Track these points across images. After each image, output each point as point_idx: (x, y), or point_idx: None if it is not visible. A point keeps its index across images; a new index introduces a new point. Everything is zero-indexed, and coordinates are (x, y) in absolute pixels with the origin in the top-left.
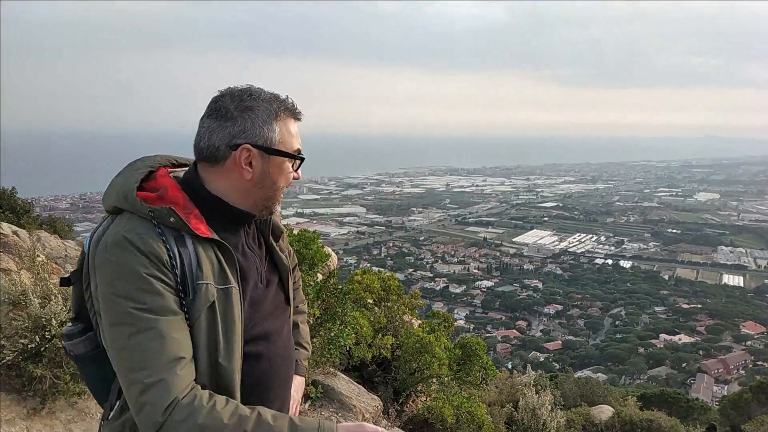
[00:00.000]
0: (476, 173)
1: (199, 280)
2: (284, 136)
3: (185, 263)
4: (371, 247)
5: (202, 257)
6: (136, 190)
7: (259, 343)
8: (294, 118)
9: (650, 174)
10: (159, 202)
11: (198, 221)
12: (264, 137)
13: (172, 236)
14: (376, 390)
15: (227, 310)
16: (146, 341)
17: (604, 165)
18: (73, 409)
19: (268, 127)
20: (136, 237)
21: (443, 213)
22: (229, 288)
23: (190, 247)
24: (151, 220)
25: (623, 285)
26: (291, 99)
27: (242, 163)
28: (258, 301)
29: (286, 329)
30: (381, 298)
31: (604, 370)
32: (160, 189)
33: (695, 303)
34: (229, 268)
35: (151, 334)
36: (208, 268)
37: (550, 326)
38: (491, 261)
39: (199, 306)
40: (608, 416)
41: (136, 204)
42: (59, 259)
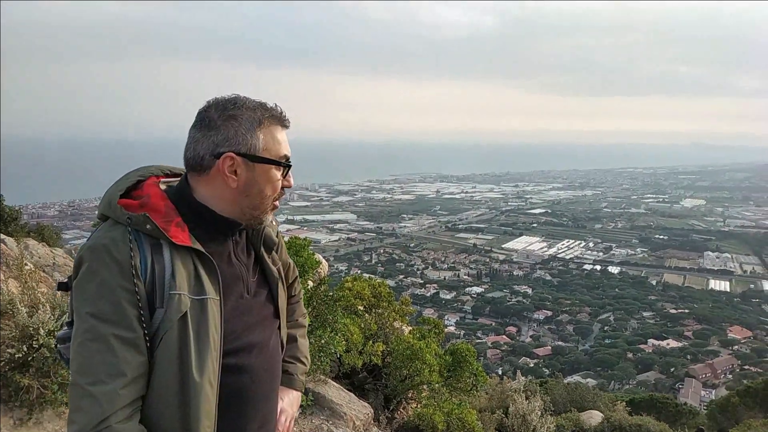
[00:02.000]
0: (466, 180)
1: (172, 290)
2: (269, 143)
3: (157, 272)
4: (362, 253)
5: (178, 266)
6: (124, 198)
7: (241, 355)
8: (281, 125)
9: (637, 181)
10: (140, 209)
11: (179, 229)
12: (247, 145)
13: (149, 244)
14: (367, 397)
15: (201, 321)
16: (95, 349)
17: (591, 172)
18: (61, 419)
19: (251, 135)
20: (111, 243)
21: (433, 219)
22: (204, 299)
23: (166, 255)
24: (127, 227)
25: (612, 290)
26: (279, 107)
27: (226, 171)
28: (242, 312)
29: (272, 342)
30: (372, 305)
31: (593, 375)
32: (144, 197)
33: (683, 308)
34: (209, 278)
35: (101, 344)
36: (182, 277)
37: (540, 332)
38: (481, 267)
39: (171, 316)
40: (598, 421)
41: (116, 211)
42: (47, 267)
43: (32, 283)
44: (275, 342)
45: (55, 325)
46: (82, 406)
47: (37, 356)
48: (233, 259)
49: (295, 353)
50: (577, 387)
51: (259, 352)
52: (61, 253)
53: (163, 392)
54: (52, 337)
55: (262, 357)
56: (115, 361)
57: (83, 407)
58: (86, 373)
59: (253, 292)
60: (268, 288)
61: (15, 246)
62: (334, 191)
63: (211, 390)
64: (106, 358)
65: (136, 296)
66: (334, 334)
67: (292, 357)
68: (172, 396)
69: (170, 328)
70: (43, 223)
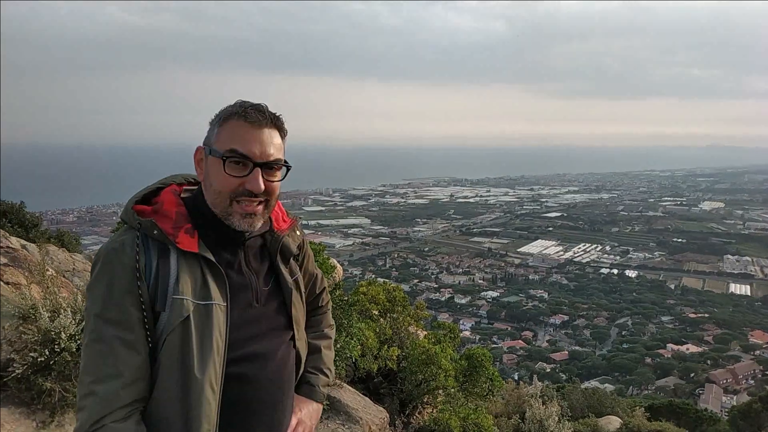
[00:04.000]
0: (480, 184)
1: (175, 294)
2: (222, 136)
3: (161, 276)
4: (376, 258)
5: (184, 272)
6: (141, 204)
7: (244, 364)
8: (244, 120)
9: (654, 183)
10: (152, 215)
11: (187, 236)
12: (210, 138)
13: (156, 248)
14: (382, 402)
15: (205, 327)
16: (98, 349)
17: (608, 175)
18: None
19: (214, 128)
20: (120, 247)
21: (448, 224)
22: (210, 304)
23: (172, 260)
24: (137, 231)
25: (629, 295)
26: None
27: (196, 162)
28: (249, 321)
29: (281, 353)
30: (386, 310)
31: (611, 380)
32: (158, 203)
33: (702, 312)
34: (216, 285)
35: (103, 345)
36: (187, 283)
37: (556, 336)
38: (496, 271)
39: (173, 320)
40: (616, 427)
41: (129, 216)
42: (67, 272)
43: (54, 288)
44: (285, 352)
45: (76, 329)
46: (85, 405)
47: (59, 360)
48: (243, 267)
49: (318, 364)
50: (595, 392)
51: (264, 362)
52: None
53: (165, 394)
54: (74, 341)
55: (269, 367)
56: (115, 362)
57: (86, 406)
58: (89, 372)
59: (263, 301)
60: (281, 298)
61: (36, 252)
62: (348, 196)
63: (212, 394)
64: (107, 358)
65: (139, 299)
66: (349, 339)
67: (315, 368)
68: (174, 398)
69: (172, 331)
70: (62, 228)
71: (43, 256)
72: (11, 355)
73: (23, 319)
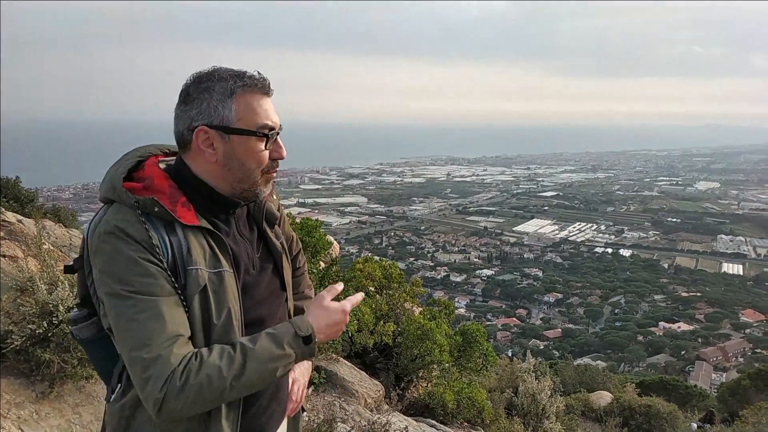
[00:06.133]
0: (477, 163)
1: (190, 265)
2: (243, 113)
3: (175, 250)
4: (372, 236)
5: (193, 243)
6: (124, 180)
7: (251, 329)
8: (259, 92)
9: (650, 163)
10: (145, 192)
11: (185, 209)
12: (220, 117)
13: (161, 224)
14: (378, 376)
15: (220, 293)
16: (145, 321)
17: (604, 154)
18: (81, 393)
19: (222, 105)
20: (127, 225)
21: (444, 202)
22: (221, 272)
23: (180, 234)
24: (136, 210)
25: (623, 273)
26: (260, 74)
27: (201, 145)
28: (250, 287)
29: (279, 315)
30: (382, 286)
31: (603, 357)
32: (146, 179)
33: (694, 291)
34: (222, 254)
35: (149, 314)
36: (198, 253)
37: (550, 314)
38: (492, 250)
39: (191, 290)
40: (607, 402)
41: (122, 195)
42: (64, 247)
43: (51, 261)
44: (282, 314)
45: (74, 301)
46: (151, 374)
47: (57, 332)
48: (237, 236)
49: None
50: (587, 369)
51: (269, 325)
52: (78, 234)
53: None
54: None
55: None
56: (169, 324)
57: (152, 374)
58: (144, 345)
59: (258, 267)
60: (273, 262)
61: (33, 226)
62: (344, 174)
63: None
64: (160, 324)
65: (166, 271)
66: None
67: None
68: None
69: (192, 302)
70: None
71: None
72: (9, 326)
73: (21, 291)
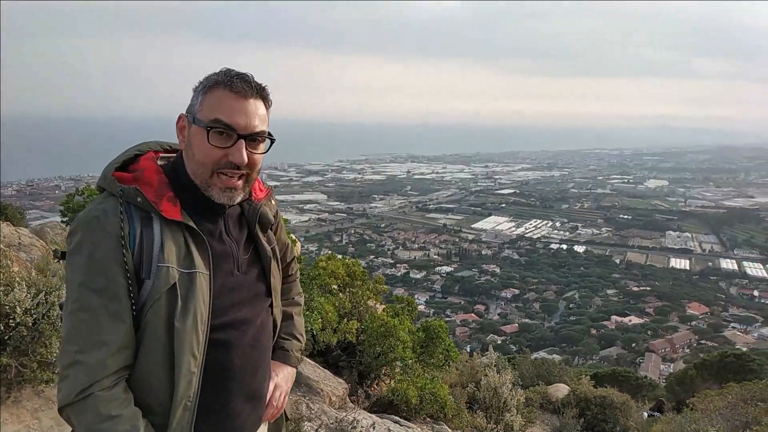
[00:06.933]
0: (436, 160)
1: (160, 262)
2: (206, 106)
3: (146, 244)
4: (332, 234)
5: (168, 240)
6: (120, 171)
7: (228, 331)
8: (229, 90)
9: (603, 162)
10: (133, 183)
11: (170, 204)
12: (193, 106)
13: (139, 216)
14: (341, 374)
15: (190, 295)
16: (82, 318)
17: (559, 153)
18: (40, 398)
19: (197, 96)
20: (103, 215)
21: (404, 200)
22: (194, 272)
23: (156, 229)
24: (120, 199)
25: (577, 269)
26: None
27: (178, 129)
28: (232, 288)
29: (260, 319)
30: (346, 284)
31: (558, 351)
32: (138, 171)
33: (644, 286)
34: (200, 253)
35: (88, 313)
36: (172, 251)
37: (507, 310)
38: (451, 247)
39: (159, 288)
40: (564, 394)
41: (110, 183)
42: (12, 246)
43: (6, 261)
44: (265, 319)
45: (31, 303)
46: (69, 374)
47: (14, 335)
48: (224, 235)
49: (291, 330)
50: (544, 362)
51: (246, 328)
52: (27, 233)
53: (149, 361)
54: (29, 315)
55: (249, 333)
56: (101, 331)
57: (69, 375)
58: (74, 341)
59: (244, 269)
60: (260, 266)
61: None
62: (304, 171)
63: (194, 361)
64: (92, 327)
65: (124, 267)
66: (309, 313)
67: (288, 334)
68: (158, 365)
69: (158, 299)
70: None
71: None
72: None
73: None
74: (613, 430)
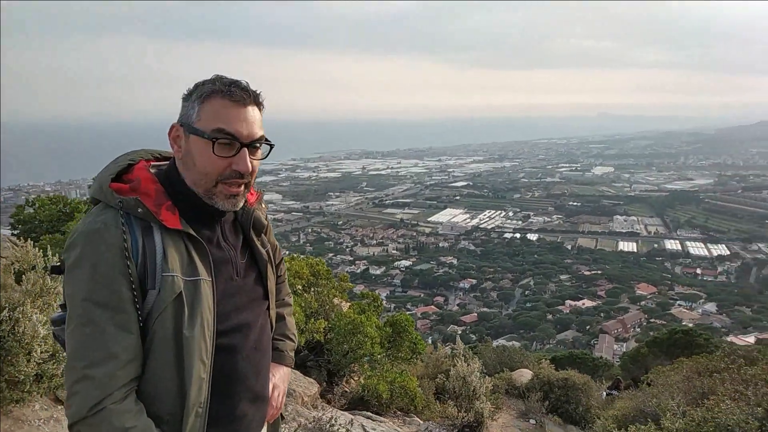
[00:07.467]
0: (391, 156)
1: (165, 272)
2: (204, 115)
3: (148, 255)
4: (289, 234)
5: (170, 249)
6: (114, 182)
7: (232, 335)
8: (228, 99)
9: (552, 151)
10: (131, 193)
11: (169, 213)
12: (189, 116)
13: (139, 227)
14: (310, 374)
15: (196, 302)
16: (89, 333)
17: (510, 144)
18: (9, 418)
19: (192, 106)
20: (103, 227)
21: (360, 196)
22: (198, 280)
23: (157, 238)
24: (119, 210)
25: (531, 257)
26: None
27: (171, 139)
28: (233, 293)
29: (260, 322)
30: (310, 283)
31: (517, 337)
32: (134, 181)
33: (595, 269)
34: (201, 261)
35: (94, 327)
36: (175, 260)
37: (466, 300)
38: (409, 241)
39: (165, 297)
40: (528, 378)
41: (107, 195)
42: None
43: None
44: (264, 322)
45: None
46: (79, 390)
47: None
48: (222, 242)
49: (284, 331)
50: (505, 349)
51: (248, 332)
52: None
53: (159, 371)
54: None
55: (252, 337)
56: (109, 344)
57: (79, 390)
58: (81, 356)
59: (242, 274)
60: (257, 270)
61: None
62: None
63: (203, 367)
64: (100, 341)
65: (129, 278)
66: None
67: (282, 335)
68: (168, 373)
69: (165, 309)
70: None
71: None
72: None
73: None
74: (576, 411)
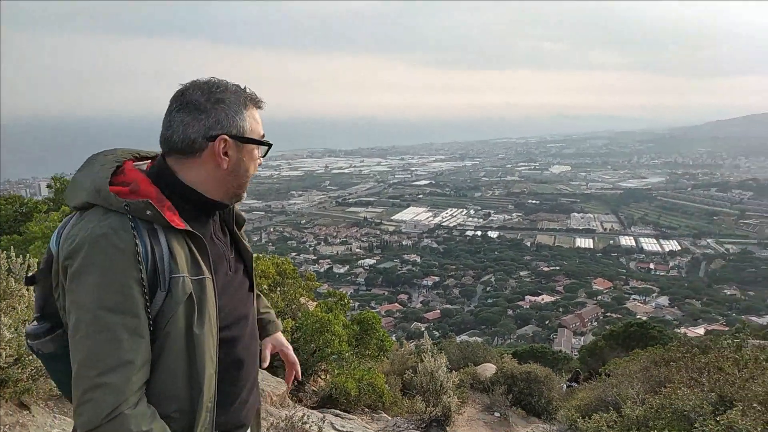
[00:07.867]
0: (354, 154)
1: (174, 273)
2: (252, 125)
3: (157, 257)
4: (251, 233)
5: (176, 249)
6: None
7: (234, 328)
8: (256, 106)
9: (511, 150)
10: (132, 196)
11: (171, 213)
12: (237, 127)
13: (145, 230)
14: (277, 374)
15: (203, 301)
16: (102, 339)
17: (470, 143)
18: None
19: (240, 117)
20: (111, 231)
21: (324, 195)
22: (203, 278)
23: (162, 240)
24: (126, 215)
25: (492, 254)
26: (249, 89)
27: (220, 153)
28: (230, 287)
29: (251, 311)
30: (277, 283)
31: (479, 333)
32: (131, 183)
33: (554, 266)
34: (202, 259)
35: (108, 334)
36: (182, 260)
37: (429, 297)
38: (372, 239)
39: (177, 299)
40: (492, 373)
41: (110, 199)
42: None
43: None
44: (254, 312)
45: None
46: (91, 398)
47: None
48: (215, 239)
49: (266, 304)
50: (469, 345)
51: (245, 323)
52: None
53: (171, 371)
54: None
55: (248, 327)
56: (125, 350)
57: (92, 398)
58: (94, 364)
59: (234, 268)
60: (243, 263)
61: None
62: None
63: (211, 364)
64: (114, 348)
65: (141, 283)
66: None
67: (265, 307)
68: (180, 374)
69: (177, 310)
70: None
71: None
72: None
73: None
74: (539, 403)
